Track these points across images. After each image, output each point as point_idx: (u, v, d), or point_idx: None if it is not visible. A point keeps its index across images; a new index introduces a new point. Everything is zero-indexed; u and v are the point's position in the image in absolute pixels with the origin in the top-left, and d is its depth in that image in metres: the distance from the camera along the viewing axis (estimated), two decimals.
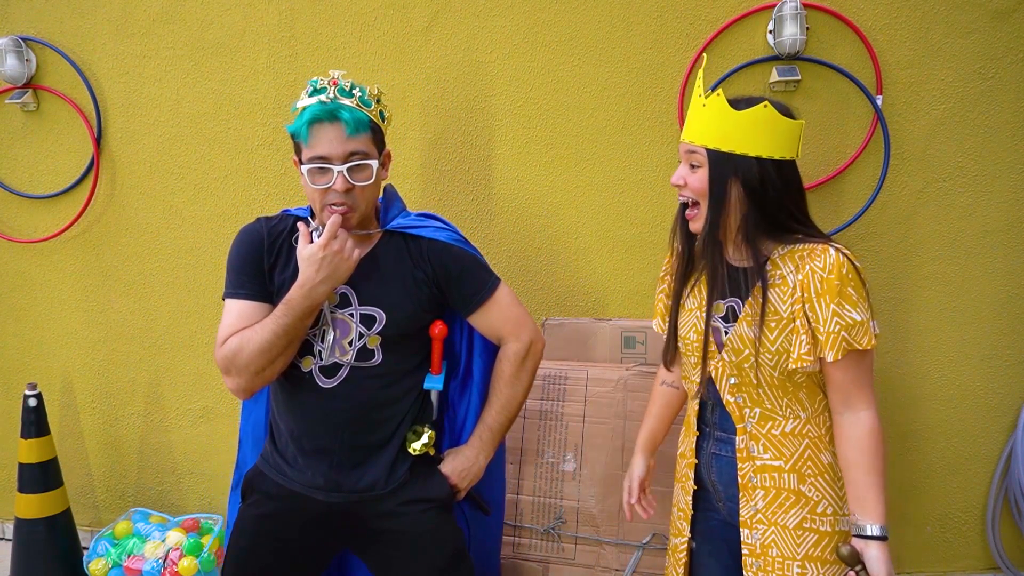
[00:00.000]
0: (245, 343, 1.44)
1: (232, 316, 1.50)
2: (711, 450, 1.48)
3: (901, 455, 2.32)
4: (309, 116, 1.43)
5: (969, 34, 2.10)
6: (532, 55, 2.29)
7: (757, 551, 1.40)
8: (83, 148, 2.56)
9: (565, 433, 2.14)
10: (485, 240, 2.40)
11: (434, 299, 1.56)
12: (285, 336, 1.44)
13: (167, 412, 2.68)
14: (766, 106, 1.33)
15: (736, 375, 1.40)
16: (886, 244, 2.23)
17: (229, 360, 1.46)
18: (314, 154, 1.44)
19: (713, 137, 1.35)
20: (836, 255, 1.30)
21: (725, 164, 1.34)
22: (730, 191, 1.35)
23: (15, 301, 2.71)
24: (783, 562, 1.37)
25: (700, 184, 1.37)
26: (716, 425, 1.47)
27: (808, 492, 1.38)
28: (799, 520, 1.38)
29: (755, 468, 1.41)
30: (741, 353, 1.38)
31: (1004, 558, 2.31)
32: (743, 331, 1.37)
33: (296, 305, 1.43)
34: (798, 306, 1.32)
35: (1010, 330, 2.23)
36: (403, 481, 1.56)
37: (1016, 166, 2.16)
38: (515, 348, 1.61)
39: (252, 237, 1.56)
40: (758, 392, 1.39)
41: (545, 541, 2.13)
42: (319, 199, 1.47)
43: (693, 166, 1.39)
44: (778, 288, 1.35)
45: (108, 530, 2.48)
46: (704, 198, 1.37)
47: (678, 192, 1.43)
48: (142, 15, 2.46)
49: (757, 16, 2.16)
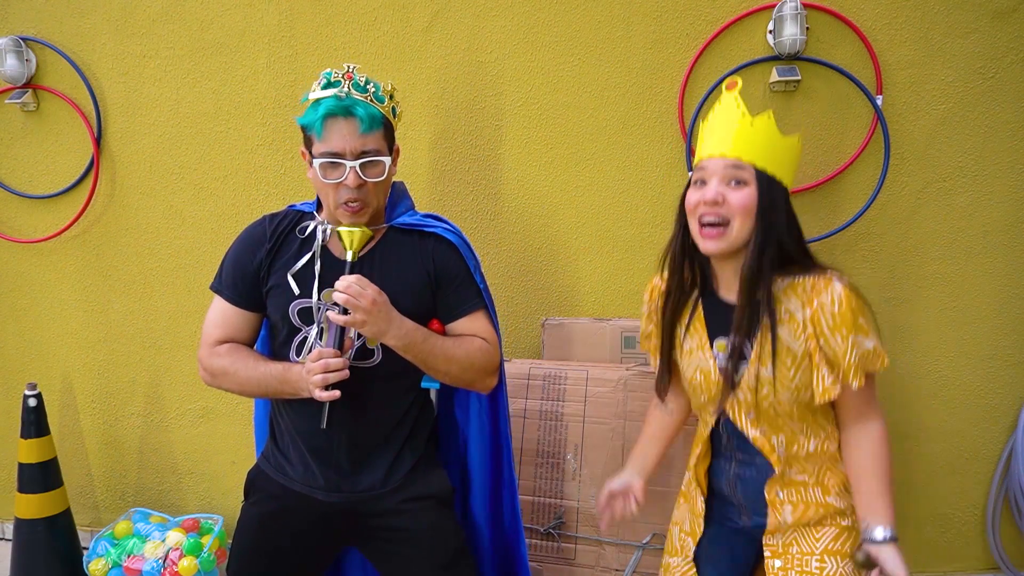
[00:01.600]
0: (232, 373, 1.51)
1: (216, 314, 1.56)
2: (735, 471, 1.48)
3: (901, 455, 2.31)
4: (324, 111, 1.42)
5: (969, 34, 2.10)
6: (532, 55, 2.29)
7: (779, 550, 1.42)
8: (83, 148, 2.56)
9: (565, 433, 2.14)
10: (485, 240, 2.40)
11: (431, 297, 1.56)
12: (268, 395, 1.53)
13: (167, 412, 2.68)
14: (798, 137, 1.34)
15: (754, 410, 1.40)
16: (886, 244, 2.23)
17: (212, 372, 1.54)
18: (327, 149, 1.43)
19: (762, 157, 1.31)
20: (842, 288, 1.29)
21: (773, 187, 1.32)
22: (776, 217, 1.31)
23: (15, 301, 2.71)
24: (802, 558, 1.39)
25: (746, 202, 1.30)
26: (736, 448, 1.47)
27: (834, 502, 1.41)
28: (819, 519, 1.41)
29: (790, 485, 1.43)
30: (760, 392, 1.36)
31: (1004, 558, 2.31)
32: (759, 372, 1.35)
33: (288, 388, 1.48)
34: (812, 342, 1.32)
35: (1010, 330, 2.23)
36: (403, 480, 1.56)
37: (1016, 166, 2.16)
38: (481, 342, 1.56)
39: (252, 238, 1.56)
40: (778, 421, 1.40)
41: (545, 541, 2.13)
42: (331, 194, 1.46)
43: (737, 182, 1.30)
44: (787, 325, 1.33)
45: (108, 530, 2.48)
46: (746, 218, 1.30)
47: (702, 211, 1.33)
48: (142, 15, 2.46)
49: (757, 16, 2.16)
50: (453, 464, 1.74)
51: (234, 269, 1.55)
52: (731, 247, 1.33)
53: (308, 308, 1.50)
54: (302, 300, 1.50)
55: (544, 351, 2.31)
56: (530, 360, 2.25)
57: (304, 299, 1.50)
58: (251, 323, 1.57)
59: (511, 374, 2.18)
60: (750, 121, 1.32)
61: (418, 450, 1.60)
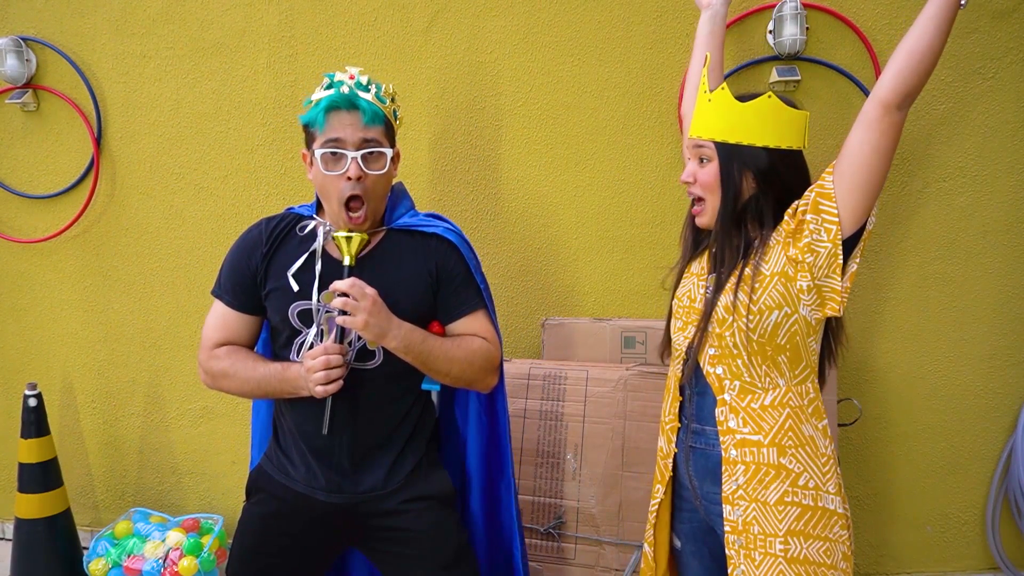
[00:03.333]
0: (232, 375, 1.52)
1: (216, 318, 1.58)
2: (688, 443, 1.48)
3: (901, 455, 2.32)
4: (327, 103, 1.43)
5: (969, 34, 2.10)
6: (532, 55, 2.29)
7: (739, 528, 1.38)
8: (83, 148, 2.56)
9: (565, 433, 2.14)
10: (485, 240, 2.40)
11: (432, 297, 1.56)
12: (268, 395, 1.53)
13: (167, 412, 2.68)
14: (770, 96, 1.35)
15: (717, 346, 1.40)
16: (886, 244, 2.23)
17: (212, 375, 1.55)
18: (329, 137, 1.43)
19: (720, 130, 1.38)
20: None
21: (734, 155, 1.37)
22: (742, 182, 1.38)
23: (15, 301, 2.71)
24: (765, 539, 1.35)
25: (710, 177, 1.40)
26: (693, 417, 1.47)
27: (789, 464, 1.36)
28: (780, 495, 1.36)
29: (735, 442, 1.39)
30: (724, 323, 1.38)
31: (1004, 558, 2.31)
32: (725, 300, 1.38)
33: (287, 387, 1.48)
34: (781, 256, 1.35)
35: (1010, 330, 2.23)
36: (404, 481, 1.56)
37: (1016, 166, 2.16)
38: (481, 342, 1.56)
39: (249, 242, 1.57)
40: (738, 364, 1.38)
41: (545, 541, 2.13)
42: (333, 191, 1.45)
43: (702, 160, 1.41)
44: (763, 258, 1.37)
45: (108, 530, 2.48)
46: (714, 192, 1.40)
47: (687, 189, 1.45)
48: (142, 15, 2.46)
49: (757, 16, 2.16)
50: (453, 466, 1.74)
51: (232, 273, 1.56)
52: (711, 220, 1.43)
53: (308, 310, 1.50)
54: (302, 302, 1.50)
55: (544, 351, 2.31)
56: (530, 360, 2.25)
57: (304, 301, 1.50)
58: (250, 326, 1.58)
59: (511, 374, 2.18)
60: (708, 98, 1.39)
61: (419, 451, 1.60)
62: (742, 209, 1.40)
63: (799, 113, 1.38)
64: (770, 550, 1.35)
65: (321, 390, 1.40)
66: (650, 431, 2.06)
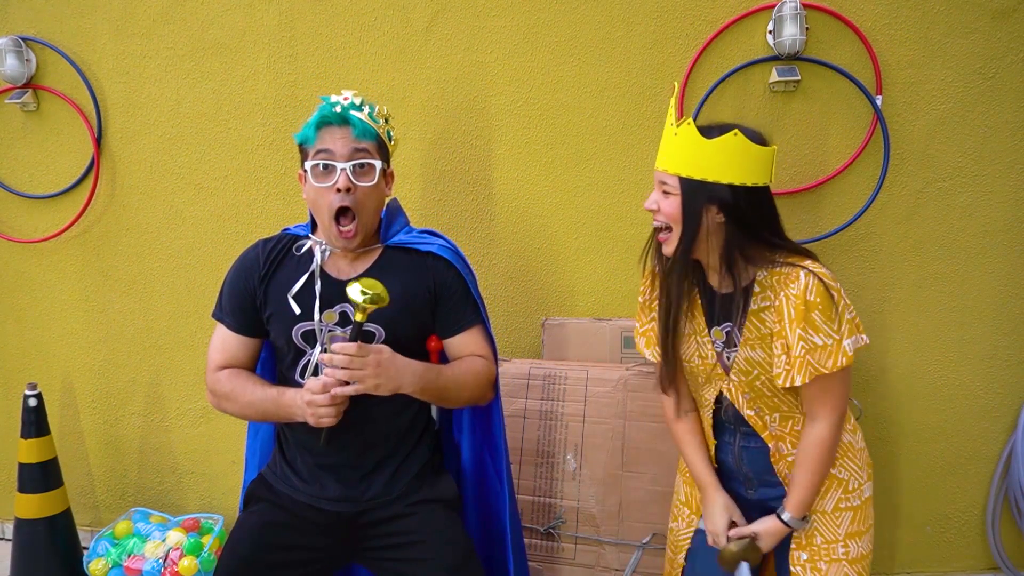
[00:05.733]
0: (235, 396, 1.53)
1: (218, 340, 1.60)
2: (740, 444, 1.54)
3: (901, 455, 2.32)
4: (318, 119, 1.46)
5: (969, 34, 2.10)
6: (532, 55, 2.29)
7: (803, 542, 1.47)
8: (83, 148, 2.55)
9: (565, 433, 2.14)
10: (485, 240, 2.40)
11: (431, 315, 1.57)
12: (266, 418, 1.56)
13: (167, 412, 2.68)
14: (736, 134, 1.34)
15: (749, 391, 1.47)
16: (886, 244, 2.23)
17: (218, 396, 1.57)
18: (319, 148, 1.45)
19: (685, 165, 1.37)
20: (806, 282, 1.34)
21: (698, 192, 1.37)
22: (704, 218, 1.38)
23: (15, 301, 2.71)
24: (828, 546, 1.46)
25: (673, 211, 1.40)
26: (739, 423, 1.52)
27: (839, 474, 1.47)
28: (835, 502, 1.46)
29: (788, 464, 1.48)
30: (750, 374, 1.44)
31: (1004, 558, 2.31)
32: (748, 355, 1.44)
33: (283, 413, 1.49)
34: (776, 327, 1.39)
35: (1010, 330, 2.23)
36: (409, 486, 1.58)
37: (1016, 166, 2.15)
38: (482, 362, 1.60)
39: (246, 265, 1.58)
40: (773, 400, 1.46)
41: (545, 541, 2.13)
42: (323, 205, 1.46)
43: (666, 193, 1.41)
44: (766, 312, 1.41)
45: (108, 530, 2.48)
46: (677, 224, 1.41)
47: (653, 217, 1.46)
48: (142, 15, 2.46)
49: (757, 16, 2.16)
50: (451, 472, 1.74)
51: (231, 296, 1.58)
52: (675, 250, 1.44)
53: (312, 330, 1.51)
54: (305, 323, 1.51)
55: (544, 351, 2.31)
56: (530, 360, 2.25)
57: (306, 322, 1.51)
58: (250, 349, 1.60)
59: (511, 374, 2.18)
60: (674, 131, 1.39)
61: (423, 457, 1.62)
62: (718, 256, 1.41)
63: (765, 150, 1.37)
64: (834, 556, 1.45)
65: (319, 423, 1.41)
66: (650, 431, 2.06)
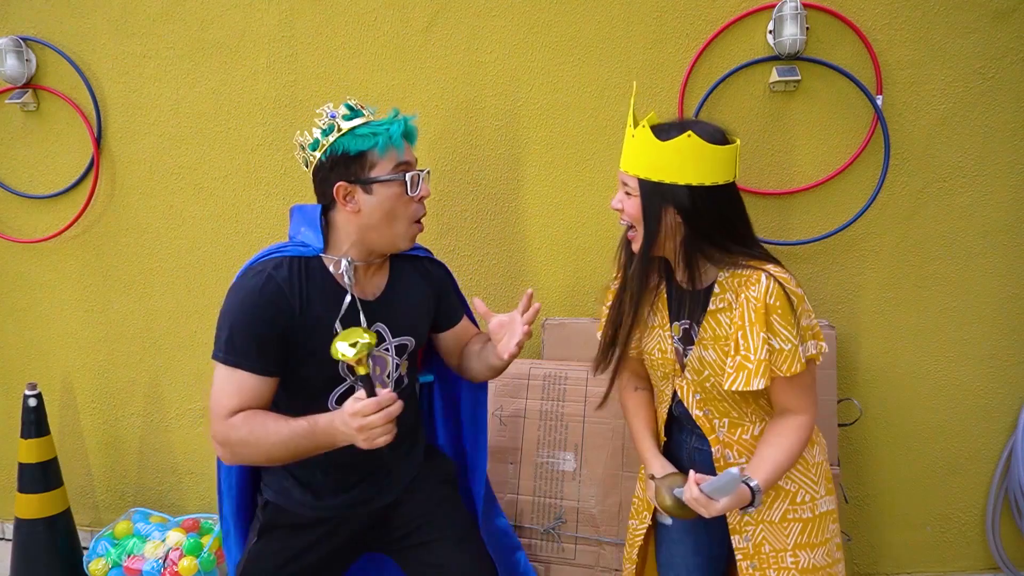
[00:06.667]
0: (256, 441, 1.36)
1: (228, 384, 1.39)
2: (693, 444, 1.54)
3: (901, 455, 2.32)
4: (402, 127, 1.47)
5: (969, 34, 2.10)
6: (532, 55, 2.29)
7: (751, 552, 1.46)
8: (83, 148, 2.55)
9: (565, 433, 2.14)
10: (485, 240, 2.40)
11: (435, 312, 1.69)
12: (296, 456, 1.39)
13: (167, 412, 2.68)
14: (690, 135, 1.34)
15: (700, 392, 1.47)
16: (886, 244, 2.23)
17: (231, 445, 1.39)
18: (404, 160, 1.47)
19: (643, 167, 1.39)
20: (766, 283, 1.34)
21: (656, 193, 1.38)
22: (663, 218, 1.39)
23: (15, 301, 2.71)
24: (776, 555, 1.44)
25: (635, 211, 1.42)
26: (695, 424, 1.51)
27: (786, 485, 1.45)
28: (783, 513, 1.45)
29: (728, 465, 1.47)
30: (702, 374, 1.44)
31: (1004, 558, 2.31)
32: (701, 354, 1.44)
33: (323, 442, 1.36)
34: (733, 330, 1.38)
35: (1010, 330, 2.23)
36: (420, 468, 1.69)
37: (1016, 166, 2.15)
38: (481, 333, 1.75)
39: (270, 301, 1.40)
40: (723, 405, 1.46)
41: (545, 541, 2.13)
42: (405, 212, 1.48)
43: (628, 193, 1.43)
44: (725, 314, 1.41)
45: (108, 530, 2.48)
46: (639, 224, 1.42)
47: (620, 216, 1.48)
48: (142, 15, 2.46)
49: (757, 16, 2.16)
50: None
51: (251, 338, 1.39)
52: None
53: None
54: None
55: (544, 351, 2.31)
56: (530, 360, 2.25)
57: None
58: (272, 388, 1.45)
59: (511, 374, 2.18)
60: (632, 133, 1.41)
61: (425, 438, 1.74)
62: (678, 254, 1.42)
63: (723, 148, 1.36)
64: (783, 564, 1.44)
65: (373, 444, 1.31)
66: None
